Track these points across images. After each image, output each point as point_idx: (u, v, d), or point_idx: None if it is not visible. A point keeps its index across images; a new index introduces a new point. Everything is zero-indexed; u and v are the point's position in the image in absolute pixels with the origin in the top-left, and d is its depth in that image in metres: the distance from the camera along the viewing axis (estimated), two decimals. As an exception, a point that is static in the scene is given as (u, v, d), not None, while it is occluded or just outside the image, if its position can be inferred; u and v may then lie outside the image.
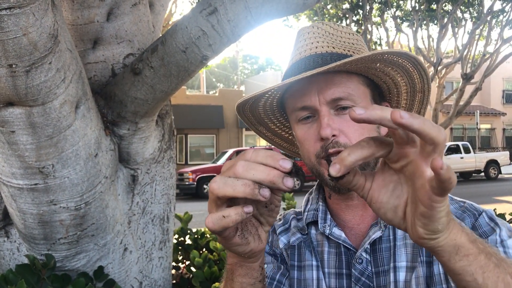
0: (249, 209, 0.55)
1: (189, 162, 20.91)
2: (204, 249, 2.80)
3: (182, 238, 2.90)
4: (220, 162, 15.31)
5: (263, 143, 22.10)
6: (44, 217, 1.63)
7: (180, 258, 2.86)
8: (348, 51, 0.88)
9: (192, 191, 15.15)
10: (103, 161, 1.74)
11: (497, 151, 23.04)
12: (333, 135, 0.81)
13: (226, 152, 16.39)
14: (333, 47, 0.88)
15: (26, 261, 1.73)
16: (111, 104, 1.85)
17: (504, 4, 17.95)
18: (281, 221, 1.01)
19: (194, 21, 1.69)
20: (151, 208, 2.08)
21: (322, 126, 0.81)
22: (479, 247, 0.57)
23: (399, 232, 0.84)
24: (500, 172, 18.93)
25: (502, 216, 2.52)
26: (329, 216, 0.91)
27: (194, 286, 2.32)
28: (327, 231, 0.89)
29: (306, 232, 0.95)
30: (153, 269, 2.10)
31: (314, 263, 0.90)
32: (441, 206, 0.50)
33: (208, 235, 2.86)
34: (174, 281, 2.58)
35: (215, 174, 13.42)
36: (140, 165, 2.01)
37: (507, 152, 20.41)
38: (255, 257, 0.66)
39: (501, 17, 18.54)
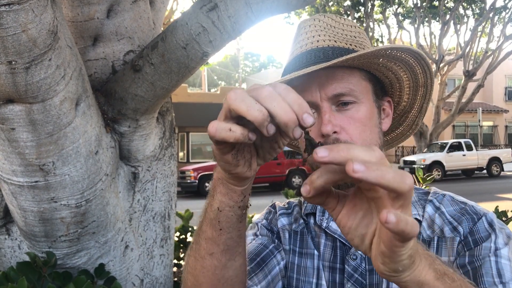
0: (253, 136, 0.55)
1: (190, 160, 20.93)
2: (205, 247, 2.79)
3: (183, 236, 2.90)
4: (221, 160, 15.29)
5: (264, 140, 22.10)
6: (45, 215, 1.63)
7: (181, 255, 2.86)
8: (350, 44, 0.87)
9: (194, 189, 15.17)
10: (104, 159, 1.73)
11: (499, 149, 23.00)
12: (334, 132, 0.80)
13: (227, 150, 16.38)
14: (335, 41, 0.87)
15: (27, 258, 1.72)
16: (111, 101, 1.84)
17: (507, 1, 17.88)
18: (285, 205, 1.01)
19: (195, 17, 1.68)
20: (152, 205, 2.08)
21: (323, 122, 0.80)
22: (446, 283, 0.56)
23: None
24: (502, 170, 18.89)
25: (504, 213, 2.50)
26: None
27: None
28: (324, 224, 0.89)
29: (307, 221, 0.95)
30: (155, 267, 2.10)
31: (316, 252, 0.89)
32: (402, 250, 0.49)
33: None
34: (175, 279, 2.58)
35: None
36: (141, 162, 2.00)
37: (510, 149, 20.35)
38: (239, 181, 0.65)
39: (503, 13, 18.47)
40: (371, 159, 0.47)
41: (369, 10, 17.10)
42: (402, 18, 18.82)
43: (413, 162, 17.02)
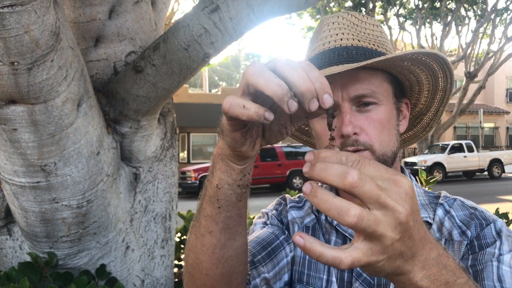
0: (271, 116, 0.52)
1: (191, 161, 20.92)
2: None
3: (184, 237, 2.90)
4: (222, 161, 15.29)
5: (265, 141, 22.09)
6: (46, 215, 1.63)
7: (182, 256, 2.86)
8: (373, 44, 0.86)
9: (195, 190, 15.16)
10: (105, 159, 1.73)
11: (500, 150, 22.96)
12: (354, 133, 0.80)
13: (228, 150, 16.39)
14: (358, 40, 0.86)
15: (28, 259, 1.73)
16: (113, 102, 1.85)
17: (508, 2, 17.86)
18: (296, 199, 1.01)
19: (196, 19, 1.68)
20: (153, 206, 2.08)
21: (344, 123, 0.79)
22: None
23: None
24: (503, 171, 18.85)
25: (505, 215, 2.50)
26: None
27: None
28: (335, 222, 0.88)
29: (318, 217, 0.94)
30: (155, 267, 2.10)
31: None
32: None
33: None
34: (176, 280, 2.58)
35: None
36: (142, 163, 2.01)
37: (511, 151, 20.33)
38: (240, 160, 0.64)
39: (505, 15, 18.45)
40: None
41: (370, 11, 17.10)
42: (404, 19, 18.82)
43: (414, 164, 17.00)
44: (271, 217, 0.96)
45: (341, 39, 0.86)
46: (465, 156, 18.08)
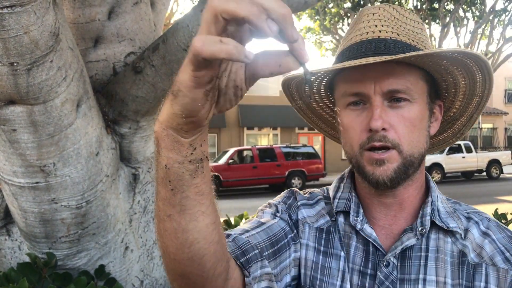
0: (251, 55, 0.47)
1: (190, 161, 20.88)
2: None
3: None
4: (221, 162, 15.32)
5: (264, 142, 22.11)
6: (45, 216, 1.63)
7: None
8: (412, 40, 0.82)
9: (193, 190, 15.13)
10: (104, 160, 1.74)
11: (499, 151, 22.99)
12: (383, 129, 0.76)
13: (227, 151, 16.38)
14: (398, 34, 0.82)
15: (27, 259, 1.73)
16: (112, 102, 1.85)
17: (507, 3, 17.91)
18: (306, 195, 0.95)
19: (196, 20, 1.69)
20: (152, 206, 2.08)
21: (374, 117, 0.76)
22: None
23: (432, 243, 0.81)
24: (502, 172, 18.88)
25: (503, 216, 2.51)
26: (361, 210, 0.86)
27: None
28: (359, 226, 0.84)
29: (334, 218, 0.89)
30: (154, 268, 2.10)
31: (342, 254, 0.85)
32: None
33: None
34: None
35: (216, 174, 13.43)
36: (141, 163, 2.01)
37: (509, 152, 20.36)
38: (189, 130, 0.56)
39: (503, 16, 18.50)
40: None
41: (369, 12, 17.11)
42: (402, 20, 18.83)
43: (413, 164, 16.97)
44: (281, 211, 0.90)
45: (380, 31, 0.82)
46: (463, 157, 18.11)
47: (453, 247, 0.80)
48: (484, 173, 18.95)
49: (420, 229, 0.80)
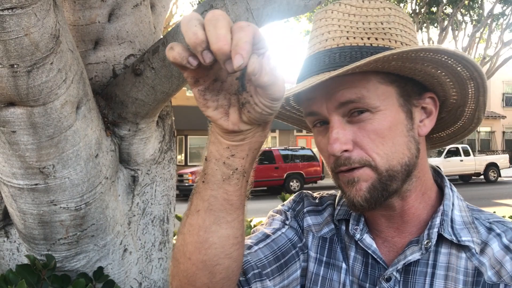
0: (193, 61, 0.52)
1: (189, 163, 20.91)
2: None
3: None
4: (219, 164, 15.31)
5: (263, 144, 22.07)
6: (44, 218, 1.63)
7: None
8: (368, 38, 0.72)
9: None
10: (104, 162, 1.74)
11: (496, 154, 23.06)
12: (345, 150, 0.70)
13: (225, 153, 16.40)
14: (347, 37, 0.73)
15: (26, 261, 1.72)
16: (112, 104, 1.85)
17: (505, 7, 17.99)
18: (316, 201, 0.89)
19: (196, 23, 1.69)
20: (151, 209, 2.08)
21: (330, 141, 0.70)
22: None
23: (442, 259, 0.72)
24: (499, 175, 18.94)
25: (502, 219, 2.52)
26: (362, 219, 0.79)
27: None
28: (358, 236, 0.78)
29: (338, 227, 0.83)
30: (153, 270, 2.10)
31: (344, 265, 0.79)
32: None
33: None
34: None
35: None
36: (141, 166, 2.01)
37: (507, 155, 20.43)
38: (224, 133, 0.61)
39: (501, 20, 18.59)
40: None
41: (367, 15, 17.18)
42: (401, 24, 18.89)
43: (411, 167, 17.01)
44: (290, 218, 0.86)
45: (326, 40, 0.74)
46: (461, 160, 18.16)
47: (468, 263, 0.70)
48: (482, 177, 18.99)
49: (425, 242, 0.72)
